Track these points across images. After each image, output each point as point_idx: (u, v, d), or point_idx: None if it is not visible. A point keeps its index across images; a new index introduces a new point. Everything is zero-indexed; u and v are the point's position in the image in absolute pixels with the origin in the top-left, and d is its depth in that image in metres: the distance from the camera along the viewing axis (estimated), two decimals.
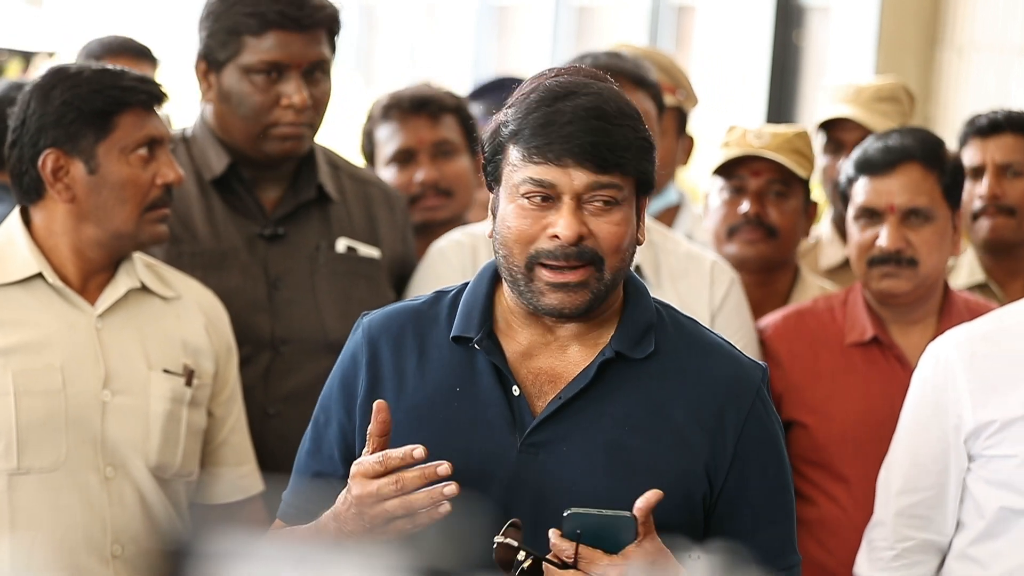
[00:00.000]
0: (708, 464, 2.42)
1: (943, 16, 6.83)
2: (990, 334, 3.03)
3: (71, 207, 3.01)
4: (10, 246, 3.04)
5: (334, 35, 3.41)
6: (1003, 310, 3.13)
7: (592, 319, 2.45)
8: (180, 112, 4.65)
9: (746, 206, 3.78)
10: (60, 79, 3.01)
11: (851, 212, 3.48)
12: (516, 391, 2.43)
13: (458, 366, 2.46)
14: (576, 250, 2.37)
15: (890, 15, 6.99)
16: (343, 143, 4.25)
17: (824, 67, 8.19)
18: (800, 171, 3.80)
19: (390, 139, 3.95)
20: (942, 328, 3.29)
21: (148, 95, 3.04)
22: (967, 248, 4.12)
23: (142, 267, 3.11)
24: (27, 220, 3.06)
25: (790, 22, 8.54)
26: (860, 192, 3.45)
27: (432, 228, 3.81)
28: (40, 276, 3.02)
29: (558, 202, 2.37)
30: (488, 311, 2.48)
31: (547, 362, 2.46)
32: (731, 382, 2.46)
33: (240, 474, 3.19)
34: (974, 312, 3.38)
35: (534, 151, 2.36)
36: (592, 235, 2.37)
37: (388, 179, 3.85)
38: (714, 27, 9.81)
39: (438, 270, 3.45)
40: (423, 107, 3.94)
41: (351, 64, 13.38)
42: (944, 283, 3.54)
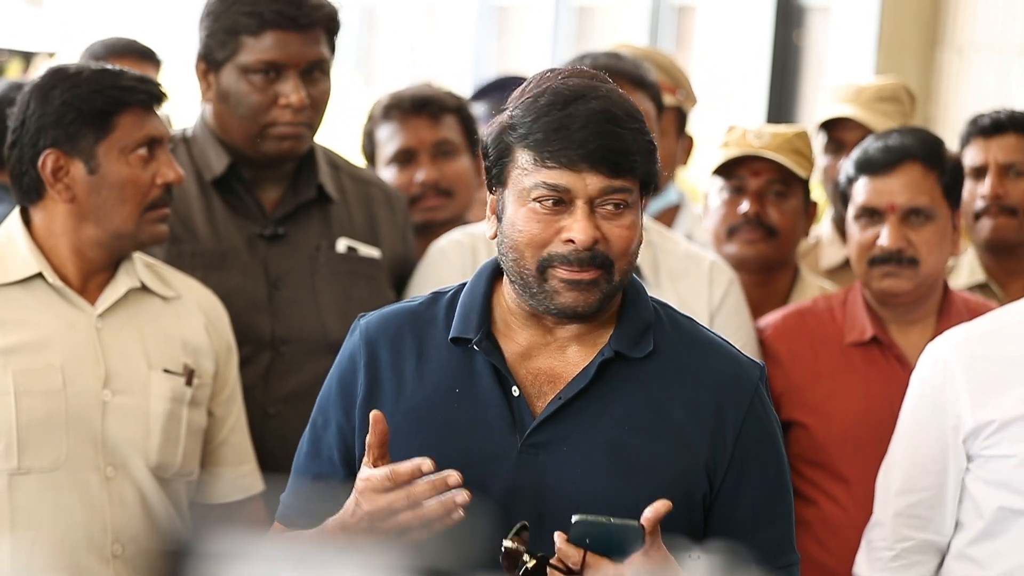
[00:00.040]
0: (708, 463, 2.42)
1: (943, 16, 6.82)
2: (988, 334, 3.03)
3: (71, 207, 3.01)
4: (10, 246, 3.04)
5: (333, 35, 3.41)
6: (1002, 311, 3.13)
7: (591, 319, 2.45)
8: (180, 112, 4.65)
9: (746, 206, 3.78)
10: (60, 79, 3.01)
11: (851, 212, 3.48)
12: (516, 392, 2.43)
13: (457, 367, 2.46)
14: (589, 255, 2.36)
15: (890, 15, 6.98)
16: (343, 143, 4.25)
17: (824, 67, 8.17)
18: (800, 171, 3.80)
19: (391, 139, 3.95)
20: (942, 328, 3.29)
21: (148, 95, 3.04)
22: (967, 248, 4.12)
23: (142, 267, 3.11)
24: (27, 220, 3.06)
25: (790, 22, 8.53)
26: (860, 192, 3.45)
27: (432, 228, 3.81)
28: (40, 276, 3.02)
29: (571, 206, 2.36)
30: (486, 312, 2.47)
31: (546, 362, 2.45)
32: (730, 381, 2.46)
33: (240, 474, 3.19)
34: (974, 312, 3.38)
35: (547, 155, 2.35)
36: (604, 239, 2.37)
37: (388, 179, 3.85)
38: (714, 27, 9.80)
39: (438, 270, 3.45)
40: (424, 107, 3.94)
41: (351, 64, 13.35)
42: (944, 283, 3.54)
